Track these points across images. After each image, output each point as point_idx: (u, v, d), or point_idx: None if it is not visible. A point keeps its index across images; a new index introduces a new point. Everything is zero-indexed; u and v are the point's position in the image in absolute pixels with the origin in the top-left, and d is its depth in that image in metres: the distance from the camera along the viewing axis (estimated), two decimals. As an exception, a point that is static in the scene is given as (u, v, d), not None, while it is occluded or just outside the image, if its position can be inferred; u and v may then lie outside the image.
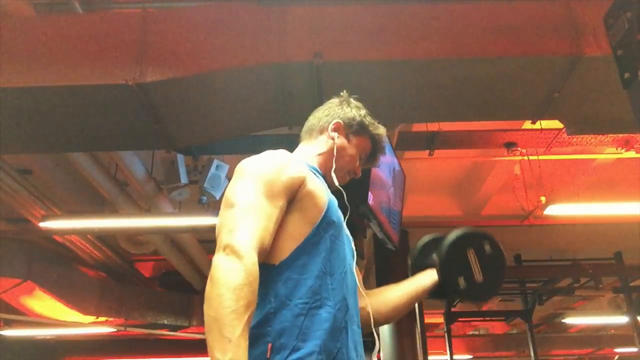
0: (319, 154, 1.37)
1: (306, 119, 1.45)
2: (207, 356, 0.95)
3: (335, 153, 1.36)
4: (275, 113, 2.84)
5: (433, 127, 4.17)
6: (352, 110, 1.41)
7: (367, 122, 1.41)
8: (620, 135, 4.06)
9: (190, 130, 2.96)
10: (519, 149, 4.32)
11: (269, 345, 1.02)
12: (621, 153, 4.31)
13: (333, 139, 1.37)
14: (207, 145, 4.10)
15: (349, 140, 1.39)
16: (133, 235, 5.72)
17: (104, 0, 3.11)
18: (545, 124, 3.85)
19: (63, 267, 6.40)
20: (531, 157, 4.62)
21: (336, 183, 1.34)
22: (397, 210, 3.94)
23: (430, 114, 3.14)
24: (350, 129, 1.39)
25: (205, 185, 4.16)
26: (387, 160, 3.62)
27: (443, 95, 2.79)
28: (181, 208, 4.97)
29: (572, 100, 2.80)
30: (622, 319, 7.14)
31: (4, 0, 2.80)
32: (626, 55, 1.70)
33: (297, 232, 1.14)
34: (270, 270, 1.10)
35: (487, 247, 1.55)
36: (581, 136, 3.98)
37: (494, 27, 2.58)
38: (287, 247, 1.13)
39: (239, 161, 1.22)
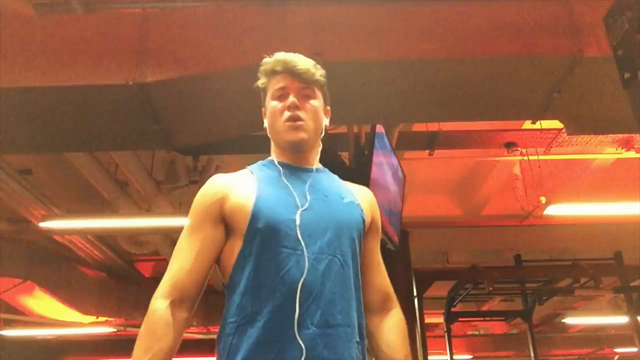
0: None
1: None
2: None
3: (268, 130, 1.31)
4: (275, 113, 2.83)
5: (433, 127, 4.17)
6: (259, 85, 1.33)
7: (260, 81, 1.31)
8: (620, 135, 4.06)
9: (190, 130, 2.96)
10: (519, 149, 4.32)
11: None
12: (621, 153, 4.31)
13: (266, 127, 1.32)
14: (207, 145, 4.10)
15: (266, 111, 1.32)
16: (133, 235, 5.72)
17: (104, 0, 3.11)
18: (545, 124, 3.86)
19: (63, 267, 6.39)
20: (531, 157, 4.62)
21: (287, 139, 1.24)
22: (397, 210, 3.95)
23: (430, 114, 3.14)
24: (263, 103, 1.34)
25: (205, 185, 4.16)
26: (387, 160, 3.63)
27: (443, 95, 2.78)
28: (181, 208, 4.97)
29: (572, 100, 2.80)
30: (622, 319, 7.13)
31: (4, 0, 2.80)
32: (626, 55, 1.70)
33: (234, 250, 1.16)
34: (225, 294, 1.17)
35: None
36: (581, 136, 3.98)
37: (494, 27, 2.58)
38: (228, 268, 1.17)
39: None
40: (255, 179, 1.22)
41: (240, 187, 1.20)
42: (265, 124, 1.30)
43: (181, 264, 1.16)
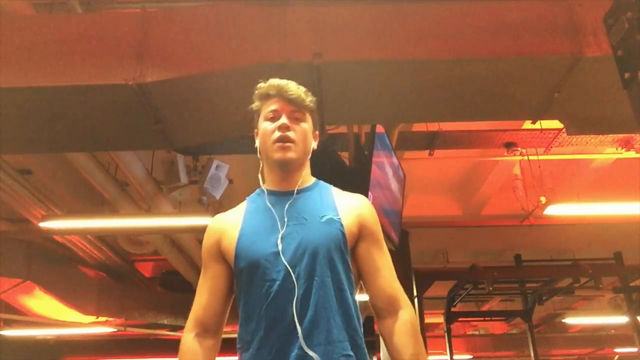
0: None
1: None
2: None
3: (259, 152, 1.39)
4: (275, 113, 2.83)
5: (433, 127, 4.17)
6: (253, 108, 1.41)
7: (255, 104, 1.39)
8: (620, 135, 4.06)
9: (190, 130, 2.96)
10: (519, 149, 4.33)
11: None
12: (621, 153, 4.32)
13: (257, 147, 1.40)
14: (207, 145, 4.10)
15: (259, 129, 1.39)
16: (133, 235, 5.72)
17: (104, 0, 3.11)
18: (545, 124, 3.86)
19: (63, 267, 6.40)
20: (531, 157, 4.62)
21: (276, 158, 1.32)
22: (397, 210, 3.95)
23: (430, 114, 3.14)
24: (256, 125, 1.41)
25: (205, 185, 4.16)
26: (387, 160, 3.63)
27: (443, 95, 2.78)
28: (181, 208, 4.97)
29: (572, 100, 2.80)
30: (622, 319, 7.14)
31: (4, 0, 2.80)
32: (626, 55, 1.70)
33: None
34: None
35: None
36: (581, 136, 3.98)
37: (494, 27, 2.58)
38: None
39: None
40: (244, 213, 1.35)
41: (230, 227, 1.33)
42: (257, 143, 1.38)
43: (199, 300, 1.34)
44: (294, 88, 1.36)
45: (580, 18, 2.58)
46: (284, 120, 1.32)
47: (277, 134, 1.31)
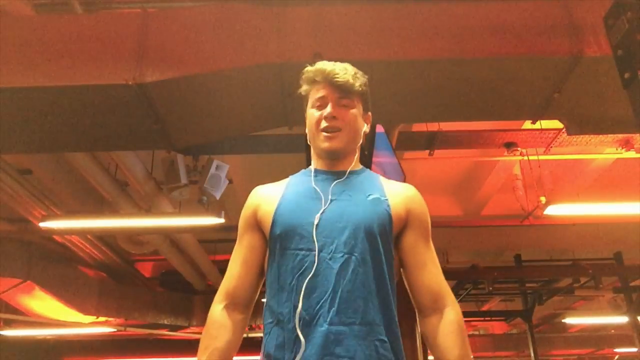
0: None
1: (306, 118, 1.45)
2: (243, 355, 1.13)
3: (308, 138, 1.36)
4: (275, 113, 2.84)
5: (433, 127, 4.17)
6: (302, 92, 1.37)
7: (303, 88, 1.35)
8: (620, 135, 4.06)
9: (190, 130, 2.96)
10: (519, 149, 4.32)
11: None
12: (621, 153, 4.31)
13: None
14: (207, 145, 4.10)
15: (307, 115, 1.37)
16: (133, 235, 5.72)
17: (104, 0, 3.11)
18: (545, 124, 3.85)
19: (63, 267, 6.40)
20: (531, 157, 4.62)
21: (323, 147, 1.29)
22: (397, 210, 3.95)
23: (430, 114, 3.13)
24: (305, 109, 1.38)
25: (205, 185, 4.16)
26: (387, 160, 3.63)
27: (443, 95, 2.78)
28: (181, 208, 4.97)
29: (572, 100, 2.80)
30: (622, 319, 7.14)
31: (4, 0, 2.80)
32: (626, 55, 1.70)
33: (267, 255, 1.29)
34: None
35: None
36: (581, 136, 3.98)
37: (494, 27, 2.58)
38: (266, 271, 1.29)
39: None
40: (286, 186, 1.32)
41: (269, 197, 1.30)
42: (306, 130, 1.36)
43: (231, 271, 1.30)
44: (342, 72, 1.29)
45: (580, 18, 2.58)
46: (330, 109, 1.28)
47: (324, 123, 1.28)
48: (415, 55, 2.54)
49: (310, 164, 1.40)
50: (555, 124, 3.59)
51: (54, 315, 6.66)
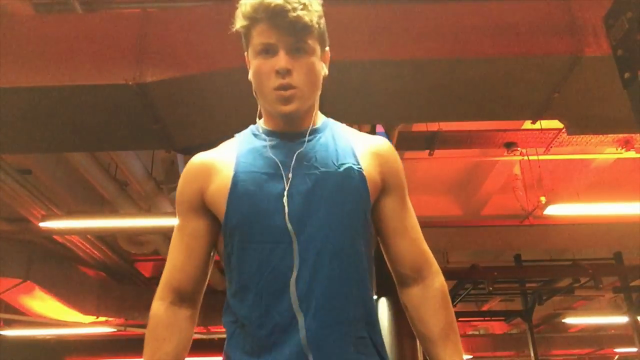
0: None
1: None
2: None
3: (254, 91, 1.07)
4: (275, 113, 2.83)
5: (433, 127, 4.17)
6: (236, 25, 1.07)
7: (238, 24, 1.06)
8: (620, 135, 4.06)
9: (190, 130, 2.96)
10: (519, 149, 4.32)
11: None
12: (621, 153, 4.31)
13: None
14: (207, 145, 4.09)
15: (249, 62, 1.07)
16: (133, 235, 5.72)
17: (104, 0, 3.11)
18: (545, 124, 3.86)
19: (63, 267, 6.40)
20: (531, 157, 4.62)
21: (278, 110, 1.02)
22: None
23: (430, 114, 3.14)
24: (245, 49, 1.08)
25: (205, 185, 4.16)
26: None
27: (443, 95, 2.78)
28: (181, 208, 4.96)
29: (572, 100, 2.80)
30: (622, 319, 7.14)
31: (4, 0, 2.80)
32: (626, 55, 1.70)
33: (221, 245, 1.07)
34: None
35: None
36: (581, 136, 3.98)
37: (494, 27, 2.58)
38: (222, 260, 1.08)
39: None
40: (236, 156, 1.06)
41: (218, 173, 1.05)
42: (250, 76, 1.06)
43: (173, 262, 1.09)
44: (297, 4, 0.97)
45: (580, 18, 2.58)
46: (282, 61, 0.98)
47: (276, 80, 0.99)
48: (415, 55, 2.54)
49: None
50: (555, 124, 3.59)
51: (54, 315, 6.66)
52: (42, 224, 4.52)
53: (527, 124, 4.14)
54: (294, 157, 1.02)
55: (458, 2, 2.64)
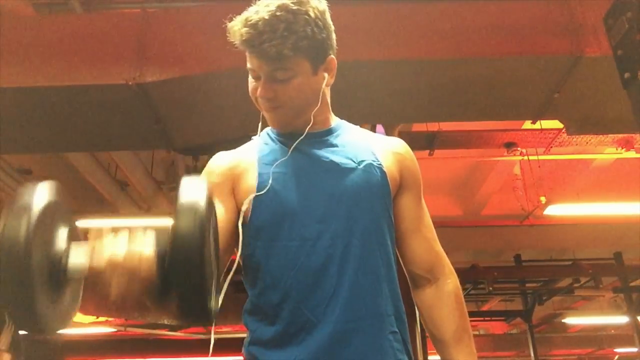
0: None
1: None
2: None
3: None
4: (275, 113, 2.84)
5: (433, 127, 4.17)
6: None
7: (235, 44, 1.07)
8: (620, 135, 4.06)
9: (190, 130, 2.96)
10: (519, 149, 4.32)
11: None
12: (621, 153, 4.31)
13: None
14: (207, 145, 4.09)
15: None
16: (133, 235, 5.71)
17: (104, 0, 3.11)
18: (545, 124, 3.85)
19: (63, 267, 6.39)
20: (531, 157, 4.62)
21: (269, 119, 1.06)
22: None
23: (430, 114, 3.14)
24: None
25: (205, 185, 4.16)
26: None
27: (443, 95, 2.78)
28: (181, 208, 4.96)
29: (572, 100, 2.80)
30: (622, 319, 7.14)
31: (4, 0, 2.80)
32: (626, 55, 1.70)
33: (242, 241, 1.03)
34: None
35: None
36: (581, 136, 3.98)
37: (494, 27, 2.58)
38: (242, 258, 1.05)
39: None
40: (257, 157, 1.06)
41: (244, 172, 1.04)
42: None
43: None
44: (268, 35, 0.96)
45: (580, 18, 2.58)
46: (262, 90, 1.01)
47: (263, 102, 1.03)
48: (415, 55, 2.54)
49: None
50: (555, 124, 3.59)
51: (54, 315, 6.65)
52: (42, 224, 4.52)
53: (527, 124, 4.14)
54: (314, 156, 1.04)
55: (458, 2, 2.64)
